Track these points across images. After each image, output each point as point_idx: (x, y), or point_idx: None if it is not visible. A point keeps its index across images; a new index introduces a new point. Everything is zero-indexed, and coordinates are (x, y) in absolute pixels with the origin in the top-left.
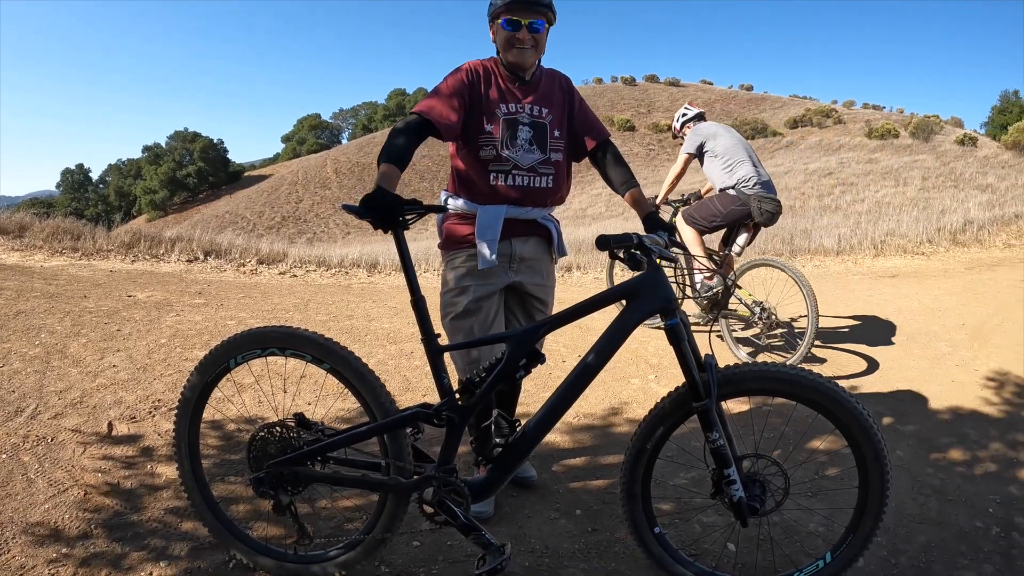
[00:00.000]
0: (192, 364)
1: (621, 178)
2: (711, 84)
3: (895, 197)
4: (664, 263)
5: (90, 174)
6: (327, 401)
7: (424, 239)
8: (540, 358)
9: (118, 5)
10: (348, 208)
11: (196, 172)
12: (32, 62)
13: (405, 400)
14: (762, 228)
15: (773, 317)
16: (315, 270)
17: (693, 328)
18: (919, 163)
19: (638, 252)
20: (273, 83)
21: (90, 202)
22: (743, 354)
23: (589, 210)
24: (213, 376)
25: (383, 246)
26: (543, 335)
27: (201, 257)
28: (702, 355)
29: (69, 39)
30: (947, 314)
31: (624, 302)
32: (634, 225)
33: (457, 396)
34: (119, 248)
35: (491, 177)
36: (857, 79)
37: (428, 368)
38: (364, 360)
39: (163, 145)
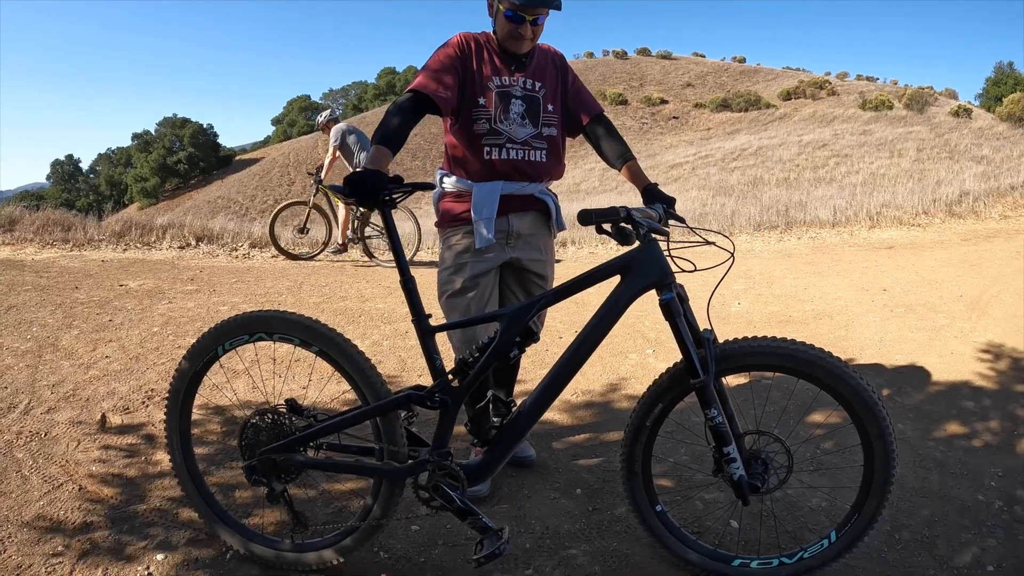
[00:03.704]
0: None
1: (617, 151)
2: (703, 57)
3: (890, 168)
4: (657, 236)
5: (80, 164)
6: (321, 385)
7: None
8: (534, 336)
9: None
10: (333, 188)
11: (186, 158)
12: (15, 55)
13: (401, 381)
14: None
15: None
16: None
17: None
18: (913, 135)
19: (627, 226)
20: (262, 65)
21: (81, 192)
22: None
23: (583, 184)
24: (202, 365)
25: None
26: (536, 313)
27: (193, 243)
28: (700, 329)
29: (52, 30)
30: (944, 285)
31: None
32: (628, 199)
33: (451, 377)
34: (110, 237)
35: (485, 151)
36: (850, 50)
37: None
38: (358, 342)
39: (152, 132)
